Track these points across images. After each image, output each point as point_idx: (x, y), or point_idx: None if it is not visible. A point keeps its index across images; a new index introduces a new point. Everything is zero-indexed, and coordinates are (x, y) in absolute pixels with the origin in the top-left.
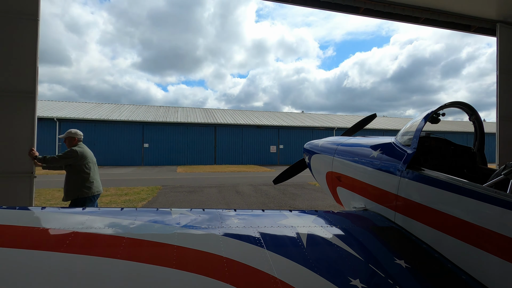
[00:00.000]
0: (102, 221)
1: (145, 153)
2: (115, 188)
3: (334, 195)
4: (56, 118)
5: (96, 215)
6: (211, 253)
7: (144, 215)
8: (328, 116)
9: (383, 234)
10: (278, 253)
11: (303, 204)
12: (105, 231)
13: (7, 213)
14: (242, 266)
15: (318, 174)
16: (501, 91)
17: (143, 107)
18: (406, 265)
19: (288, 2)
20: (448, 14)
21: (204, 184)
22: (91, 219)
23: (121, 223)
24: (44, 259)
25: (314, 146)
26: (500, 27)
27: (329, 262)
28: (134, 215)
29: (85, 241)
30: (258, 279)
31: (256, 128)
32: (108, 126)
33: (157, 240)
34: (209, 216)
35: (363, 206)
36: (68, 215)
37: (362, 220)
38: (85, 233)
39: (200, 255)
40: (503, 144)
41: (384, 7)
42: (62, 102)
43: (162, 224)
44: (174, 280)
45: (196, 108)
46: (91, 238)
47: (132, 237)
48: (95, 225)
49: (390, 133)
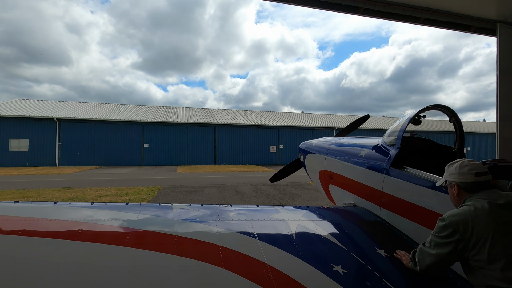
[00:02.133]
0: (108, 214)
1: (145, 153)
2: (115, 188)
3: (327, 193)
4: (56, 118)
5: (103, 209)
6: (208, 242)
7: (147, 209)
8: (328, 116)
9: (367, 227)
10: (269, 243)
11: (303, 204)
12: (111, 223)
13: (24, 206)
14: (236, 254)
15: (312, 172)
16: (501, 91)
17: (143, 107)
18: (386, 254)
19: (288, 2)
20: (448, 14)
21: (204, 184)
22: (99, 213)
23: (126, 216)
24: (61, 246)
25: (309, 146)
26: (500, 27)
27: (314, 251)
28: (138, 210)
29: (93, 231)
30: (249, 264)
31: (256, 128)
32: (108, 126)
33: (159, 230)
34: (207, 210)
35: (352, 202)
36: (79, 209)
37: (348, 215)
38: (93, 224)
39: (197, 244)
40: (503, 144)
41: (384, 7)
42: (62, 102)
43: (164, 217)
44: (174, 265)
45: (196, 108)
46: (99, 228)
47: (136, 228)
48: (102, 217)
49: None
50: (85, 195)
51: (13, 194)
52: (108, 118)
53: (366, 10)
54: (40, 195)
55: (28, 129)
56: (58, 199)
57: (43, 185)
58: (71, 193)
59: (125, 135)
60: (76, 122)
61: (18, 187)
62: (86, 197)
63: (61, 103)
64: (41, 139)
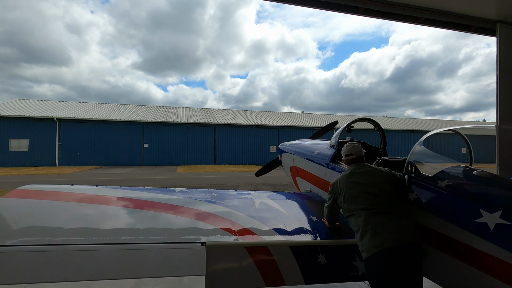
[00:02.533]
0: (132, 193)
1: (145, 153)
2: None
3: (296, 184)
4: (56, 118)
5: (129, 190)
6: (196, 209)
7: (158, 190)
8: (328, 116)
9: (310, 204)
10: (237, 210)
11: None
12: (139, 196)
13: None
14: (213, 216)
15: (286, 168)
16: (501, 91)
17: (143, 107)
18: (316, 219)
19: (288, 2)
20: (448, 14)
21: (204, 184)
22: (128, 192)
23: (144, 194)
24: (108, 209)
25: (284, 147)
26: (500, 27)
27: (268, 214)
28: (151, 190)
29: (127, 200)
30: (223, 222)
31: (256, 128)
32: (108, 126)
33: (166, 202)
34: (200, 191)
35: (309, 189)
36: (115, 189)
37: (301, 196)
38: (125, 198)
39: (189, 210)
40: (503, 144)
41: (384, 7)
42: (62, 102)
43: (169, 194)
44: (174, 219)
45: (196, 108)
46: (130, 200)
47: (150, 200)
48: (131, 195)
49: (390, 132)
50: None
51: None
52: (108, 118)
53: (366, 10)
54: None
55: (28, 129)
56: None
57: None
58: None
59: (125, 135)
60: (76, 122)
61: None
62: None
63: (61, 103)
64: (41, 139)
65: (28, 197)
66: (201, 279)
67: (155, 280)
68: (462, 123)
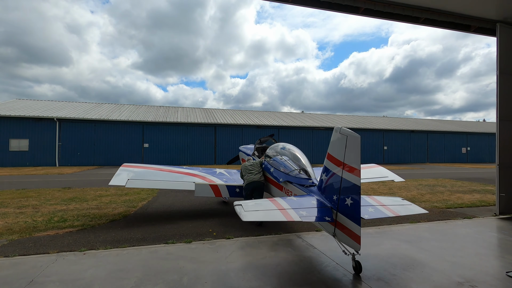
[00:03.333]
0: (192, 170)
1: (145, 153)
2: (115, 188)
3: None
4: (56, 118)
5: (191, 168)
6: (210, 179)
7: (204, 169)
8: (328, 116)
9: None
10: (211, 174)
11: None
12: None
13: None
14: (211, 180)
15: (241, 158)
16: (501, 91)
17: (143, 107)
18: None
19: (288, 2)
20: (448, 14)
21: None
22: (188, 170)
23: (194, 171)
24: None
25: (240, 148)
26: (500, 27)
27: (230, 178)
28: (197, 169)
29: (187, 171)
30: (212, 181)
31: (256, 128)
32: (108, 126)
33: (203, 175)
34: (212, 171)
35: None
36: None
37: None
38: (183, 171)
39: (208, 179)
40: (503, 144)
41: (384, 7)
42: (62, 102)
43: (206, 172)
44: (200, 182)
45: (196, 108)
46: (188, 173)
47: (194, 173)
48: (192, 171)
49: (390, 132)
50: (85, 195)
51: (13, 194)
52: (108, 118)
53: (366, 10)
54: (40, 195)
55: (28, 129)
56: (58, 199)
57: (43, 185)
58: (71, 193)
59: (125, 135)
60: (76, 122)
61: (18, 187)
62: (86, 197)
63: (61, 103)
64: (41, 139)
65: (132, 167)
66: (201, 279)
67: (155, 280)
68: (462, 123)
